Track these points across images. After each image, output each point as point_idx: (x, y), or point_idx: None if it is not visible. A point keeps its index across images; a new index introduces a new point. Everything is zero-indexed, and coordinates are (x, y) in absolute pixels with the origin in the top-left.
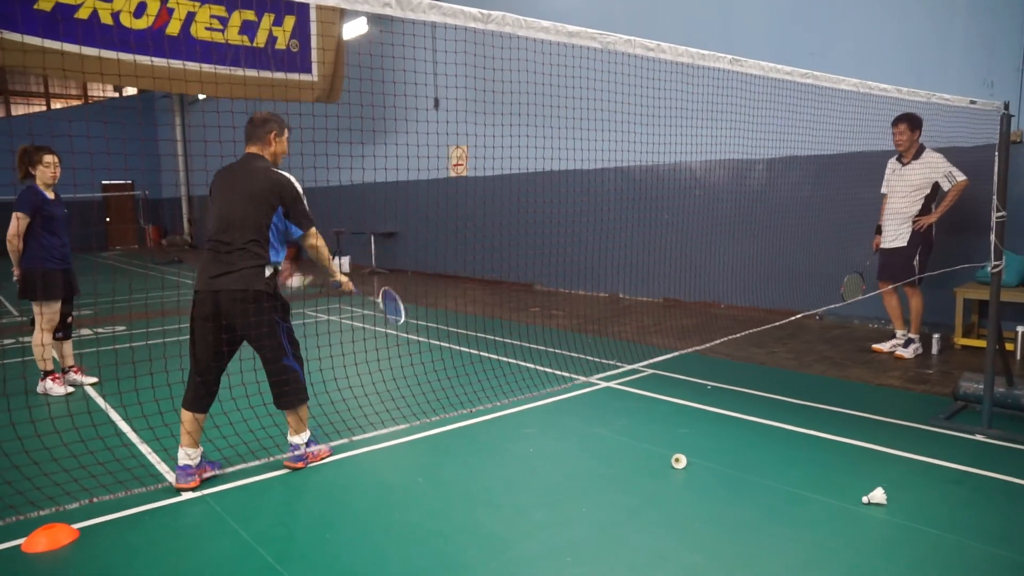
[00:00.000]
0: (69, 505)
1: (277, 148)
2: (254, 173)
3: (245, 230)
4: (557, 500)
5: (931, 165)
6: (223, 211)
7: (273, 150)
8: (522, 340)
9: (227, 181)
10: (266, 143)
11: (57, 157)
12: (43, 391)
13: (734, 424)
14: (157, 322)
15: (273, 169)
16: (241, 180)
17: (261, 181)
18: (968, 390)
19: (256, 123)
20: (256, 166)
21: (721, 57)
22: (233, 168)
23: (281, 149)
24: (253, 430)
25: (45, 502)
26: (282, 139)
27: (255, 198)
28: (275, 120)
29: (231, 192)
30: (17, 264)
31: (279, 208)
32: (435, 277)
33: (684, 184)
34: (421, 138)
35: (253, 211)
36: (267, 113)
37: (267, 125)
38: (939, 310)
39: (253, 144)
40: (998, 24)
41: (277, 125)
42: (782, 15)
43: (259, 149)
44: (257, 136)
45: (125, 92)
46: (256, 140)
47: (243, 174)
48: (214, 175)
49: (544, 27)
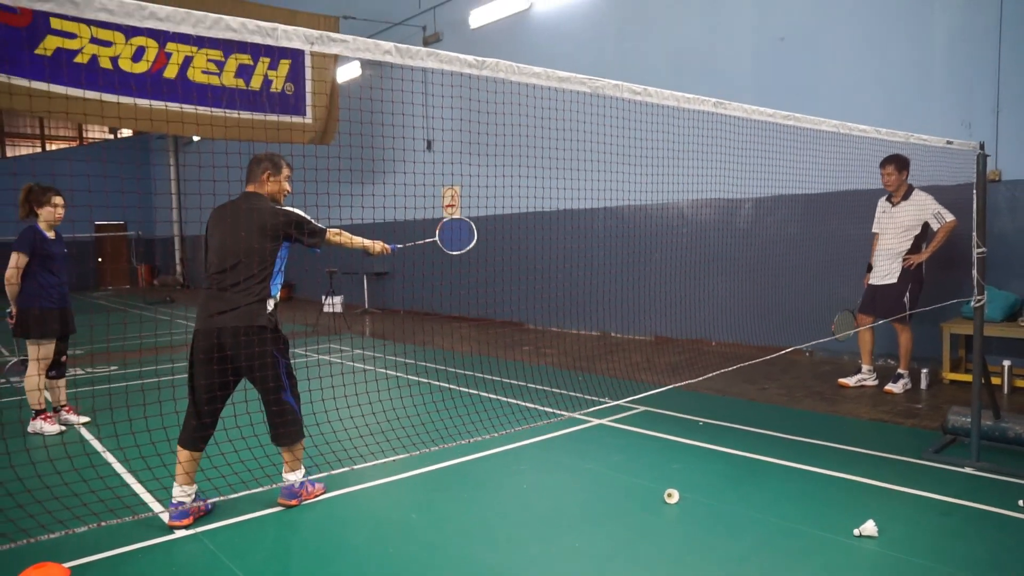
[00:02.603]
0: (55, 534)
1: (272, 187)
2: (252, 211)
3: (247, 266)
4: (551, 534)
5: (920, 205)
6: (222, 248)
7: (268, 189)
8: (514, 378)
9: (224, 219)
10: (260, 183)
11: (63, 199)
12: (35, 431)
13: (726, 459)
14: (149, 360)
15: (271, 205)
16: (239, 217)
17: (259, 218)
18: (956, 423)
19: (253, 162)
20: (253, 204)
21: (705, 100)
22: (230, 206)
23: (277, 188)
24: (249, 467)
25: (37, 530)
26: (278, 178)
27: (254, 235)
28: (269, 160)
29: (230, 229)
30: (14, 302)
31: (285, 242)
32: (427, 316)
33: (673, 223)
34: (415, 178)
35: (256, 247)
36: (264, 153)
37: (260, 165)
38: (927, 345)
39: (251, 183)
40: (974, 69)
41: (271, 165)
42: (768, 59)
43: (256, 188)
44: (253, 176)
45: (121, 133)
46: (252, 180)
47: (240, 212)
48: (210, 212)
49: (536, 72)
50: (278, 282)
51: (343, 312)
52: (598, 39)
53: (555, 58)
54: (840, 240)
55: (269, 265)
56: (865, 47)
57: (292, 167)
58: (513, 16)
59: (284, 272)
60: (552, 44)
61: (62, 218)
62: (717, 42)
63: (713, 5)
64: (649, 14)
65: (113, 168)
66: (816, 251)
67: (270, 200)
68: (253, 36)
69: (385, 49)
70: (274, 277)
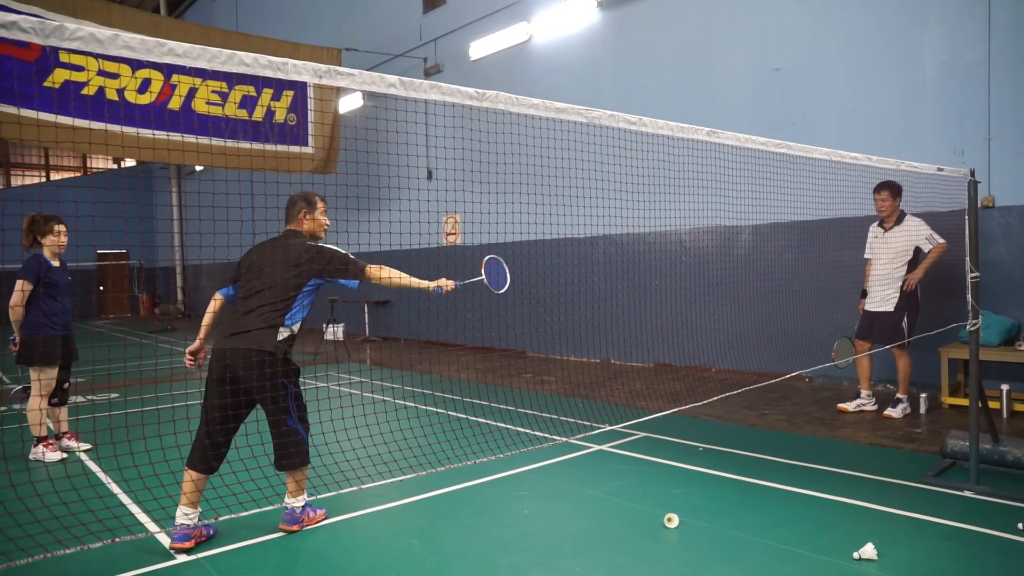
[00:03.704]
0: (58, 552)
1: (309, 225)
2: (284, 247)
3: (268, 295)
4: (552, 560)
5: (912, 231)
6: (253, 280)
7: (307, 228)
8: (515, 405)
9: (261, 253)
10: (298, 221)
11: (66, 227)
12: (36, 457)
13: (726, 484)
14: (149, 389)
15: (304, 242)
16: (273, 252)
17: (288, 253)
18: (955, 447)
19: (288, 204)
20: (290, 241)
21: (699, 129)
22: (269, 243)
23: (315, 225)
24: (247, 489)
25: (35, 549)
26: (313, 215)
27: (283, 269)
28: (303, 199)
29: (263, 263)
30: (18, 331)
31: (312, 281)
32: (428, 344)
33: (672, 251)
34: (416, 205)
35: (280, 283)
36: (299, 194)
37: (296, 206)
38: (926, 370)
39: (289, 223)
40: (966, 98)
41: (305, 204)
42: (764, 88)
43: (295, 226)
44: (290, 216)
45: (124, 163)
46: (290, 219)
47: (275, 248)
48: (253, 247)
49: (534, 104)
50: (298, 316)
51: (344, 340)
52: (596, 70)
53: (553, 89)
54: (837, 267)
55: (290, 299)
56: (858, 78)
57: (326, 199)
58: (512, 48)
59: (308, 309)
60: (550, 75)
61: (65, 245)
62: (713, 73)
63: (709, 37)
64: (646, 46)
65: (116, 196)
66: (813, 278)
67: (309, 237)
68: (265, 71)
69: (390, 82)
70: (293, 310)
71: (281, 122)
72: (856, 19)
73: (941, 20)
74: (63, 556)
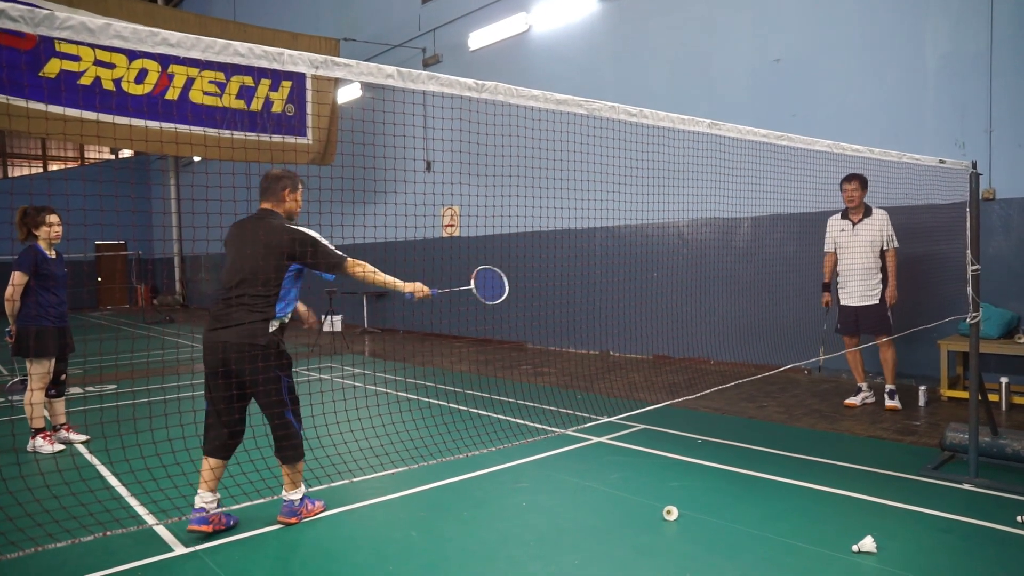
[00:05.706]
0: (49, 545)
1: (291, 205)
2: (266, 229)
3: (252, 284)
4: (551, 553)
5: (879, 222)
6: (234, 264)
7: (287, 207)
8: (514, 397)
9: (240, 235)
10: (280, 199)
11: (59, 217)
12: (33, 449)
13: (725, 476)
14: (143, 381)
15: (286, 225)
16: (252, 235)
17: (272, 237)
18: (954, 440)
19: (270, 179)
20: (269, 222)
21: (700, 121)
22: (246, 223)
23: (296, 205)
24: (244, 483)
25: (26, 543)
26: (295, 195)
27: (265, 253)
28: (288, 176)
29: (243, 246)
30: (13, 322)
31: (293, 264)
32: (427, 336)
33: (672, 243)
34: (414, 197)
35: (263, 266)
36: (281, 170)
37: (281, 182)
38: (925, 363)
39: (267, 200)
40: (967, 90)
41: (291, 181)
42: (765, 79)
43: (273, 205)
44: (271, 192)
45: (121, 154)
46: (270, 196)
47: (255, 229)
48: (229, 228)
49: (534, 95)
50: (288, 304)
51: (343, 332)
52: (595, 61)
53: (553, 79)
54: None
55: (275, 286)
56: (859, 69)
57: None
58: (512, 38)
59: (296, 296)
60: (550, 66)
61: (60, 236)
62: (714, 63)
63: (710, 27)
64: (646, 36)
65: (113, 188)
66: (813, 270)
67: (285, 218)
68: (260, 61)
69: (387, 73)
70: (281, 299)
71: (279, 113)
72: (857, 10)
73: (943, 11)
74: (61, 548)
